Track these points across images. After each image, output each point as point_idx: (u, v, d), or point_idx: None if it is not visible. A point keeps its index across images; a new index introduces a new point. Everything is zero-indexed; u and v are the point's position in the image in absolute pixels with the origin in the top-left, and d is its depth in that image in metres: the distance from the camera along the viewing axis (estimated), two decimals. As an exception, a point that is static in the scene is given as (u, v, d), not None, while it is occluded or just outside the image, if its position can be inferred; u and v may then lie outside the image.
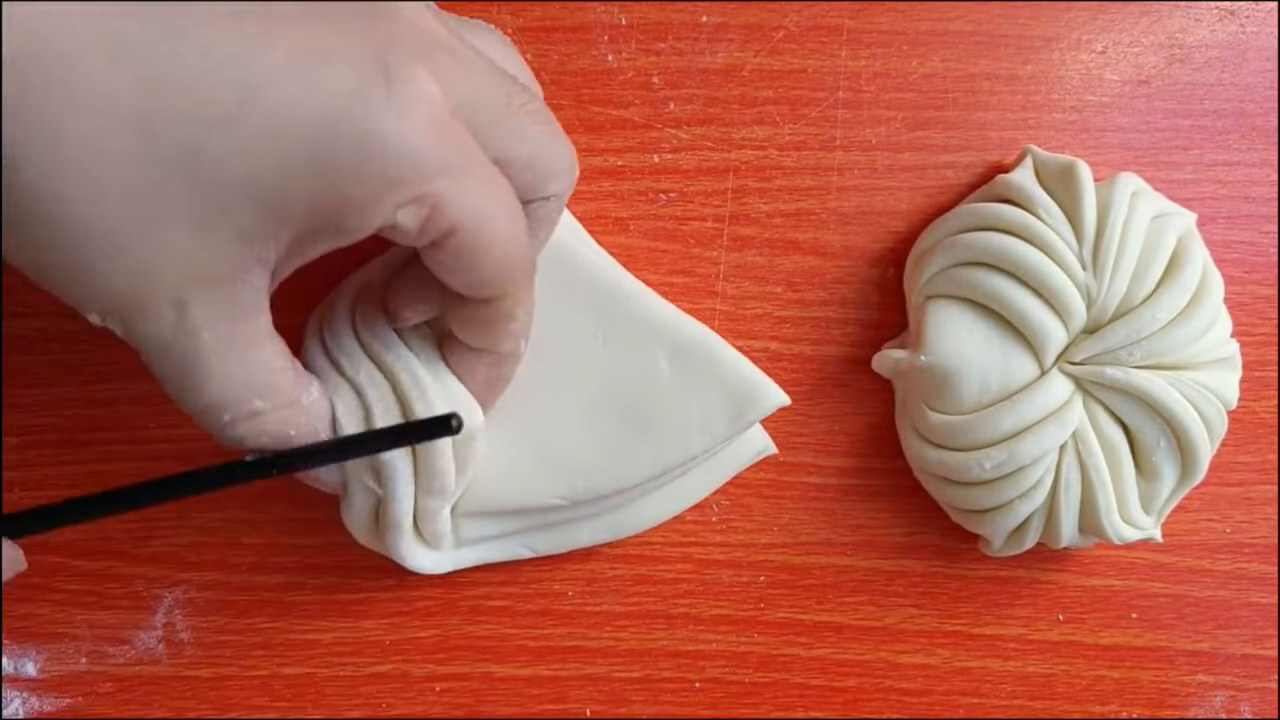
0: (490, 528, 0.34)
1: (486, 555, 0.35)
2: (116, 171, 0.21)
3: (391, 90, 0.23)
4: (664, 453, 0.33)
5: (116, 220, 0.22)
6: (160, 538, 0.36)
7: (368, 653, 0.37)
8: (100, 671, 0.37)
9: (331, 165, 0.23)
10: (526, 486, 0.33)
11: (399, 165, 0.23)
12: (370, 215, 0.24)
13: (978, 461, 0.34)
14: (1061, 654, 0.39)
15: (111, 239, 0.22)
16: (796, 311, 0.38)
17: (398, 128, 0.23)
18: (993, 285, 0.34)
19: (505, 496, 0.33)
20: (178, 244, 0.23)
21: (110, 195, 0.22)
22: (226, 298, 0.24)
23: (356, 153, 0.23)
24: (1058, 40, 0.37)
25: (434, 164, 0.23)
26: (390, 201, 0.23)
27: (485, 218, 0.25)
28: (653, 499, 0.36)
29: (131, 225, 0.22)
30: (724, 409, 0.33)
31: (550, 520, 0.35)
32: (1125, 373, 0.33)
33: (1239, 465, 0.39)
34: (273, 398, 0.26)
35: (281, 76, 0.22)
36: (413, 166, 0.23)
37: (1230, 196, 0.38)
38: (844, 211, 0.37)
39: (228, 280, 0.24)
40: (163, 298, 0.23)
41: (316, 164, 0.23)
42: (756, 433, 0.36)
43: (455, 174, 0.24)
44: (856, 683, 0.39)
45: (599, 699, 0.38)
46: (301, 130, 0.22)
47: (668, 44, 0.36)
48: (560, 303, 0.33)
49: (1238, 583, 0.39)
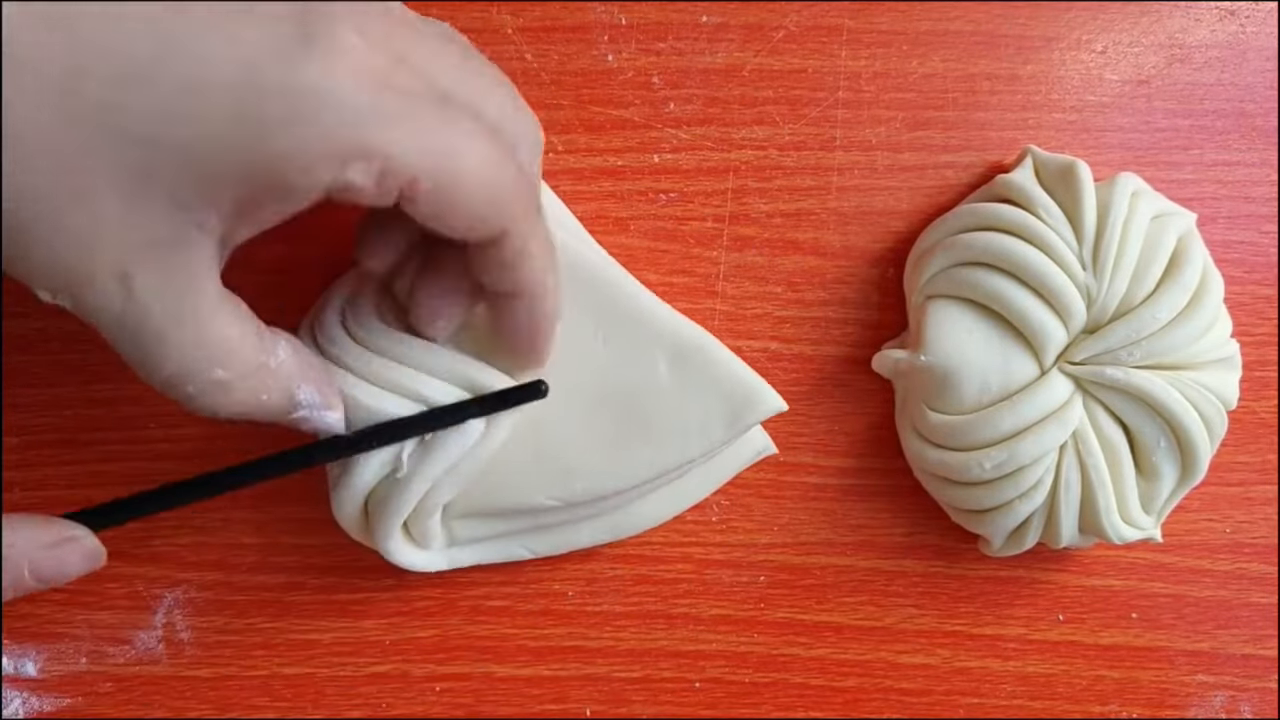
0: (484, 528, 0.34)
1: (483, 556, 0.35)
2: (45, 138, 0.21)
3: (311, 41, 0.22)
4: (660, 455, 0.33)
5: (48, 189, 0.22)
6: (160, 538, 0.36)
7: (368, 653, 0.37)
8: (100, 671, 0.37)
9: (255, 121, 0.22)
10: (521, 487, 0.33)
11: (327, 117, 0.22)
12: (313, 174, 0.23)
13: (978, 461, 0.34)
14: (1061, 654, 0.39)
15: (46, 208, 0.22)
16: (796, 311, 0.38)
17: (320, 79, 0.22)
18: (993, 285, 0.34)
19: (499, 497, 0.33)
20: (110, 211, 0.22)
21: (40, 163, 0.21)
22: (171, 267, 0.24)
23: (280, 107, 0.22)
24: (1058, 40, 0.37)
25: (369, 115, 0.23)
26: (330, 157, 0.23)
27: (447, 156, 0.24)
28: (653, 499, 0.36)
29: (62, 193, 0.22)
30: (721, 413, 0.33)
31: (547, 521, 0.35)
32: (1125, 373, 0.33)
33: (1239, 465, 0.39)
34: (235, 366, 0.26)
35: (197, 32, 0.22)
36: (343, 118, 0.22)
37: (1230, 196, 0.38)
38: (844, 211, 0.37)
39: (168, 248, 0.23)
40: (105, 270, 0.23)
41: (240, 121, 0.22)
42: (757, 433, 0.36)
43: (401, 121, 0.23)
44: (856, 683, 0.39)
45: (599, 699, 0.38)
46: (220, 86, 0.22)
47: (668, 44, 0.36)
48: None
49: (1238, 583, 0.39)
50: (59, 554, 0.27)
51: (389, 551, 0.33)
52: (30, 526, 0.27)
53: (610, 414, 0.33)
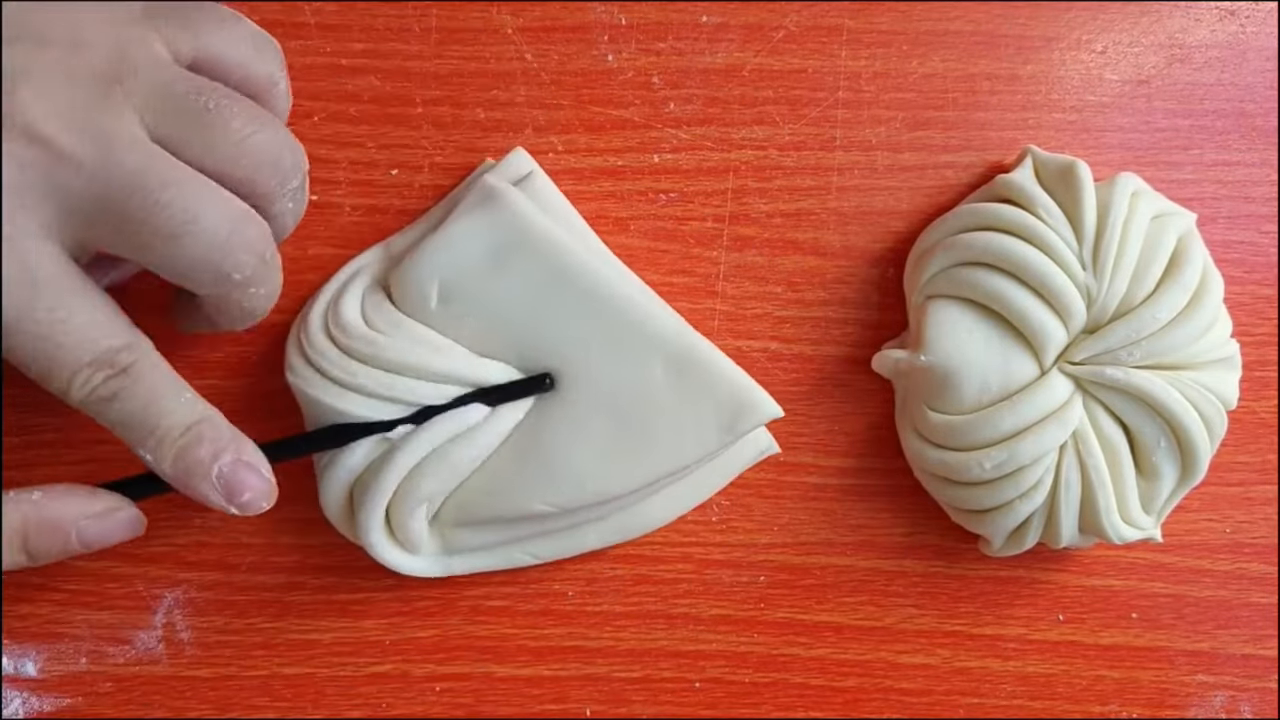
0: (482, 537, 0.34)
1: (483, 564, 0.35)
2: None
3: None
4: (656, 461, 0.33)
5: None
6: (160, 538, 0.36)
7: (368, 653, 0.37)
8: (100, 671, 0.37)
9: None
10: (515, 494, 0.33)
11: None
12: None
13: (978, 461, 0.34)
14: (1061, 654, 0.39)
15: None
16: (796, 311, 0.37)
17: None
18: (993, 285, 0.34)
19: (494, 504, 0.33)
20: None
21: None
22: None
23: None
24: (1058, 40, 0.37)
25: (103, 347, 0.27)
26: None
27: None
28: (659, 499, 0.36)
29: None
30: (717, 419, 0.33)
31: (550, 527, 0.35)
32: (1125, 373, 0.33)
33: (1239, 465, 0.39)
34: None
35: None
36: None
37: (1230, 196, 0.38)
38: (844, 211, 0.37)
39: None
40: None
41: None
42: (760, 432, 0.36)
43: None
44: (856, 683, 0.39)
45: (599, 699, 0.38)
46: None
47: (668, 44, 0.36)
48: (555, 307, 0.33)
49: (1238, 583, 0.39)
50: (105, 523, 0.30)
51: (371, 545, 0.33)
52: (79, 497, 0.30)
53: (606, 420, 0.33)
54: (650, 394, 0.33)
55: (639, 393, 0.33)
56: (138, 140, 0.26)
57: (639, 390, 0.33)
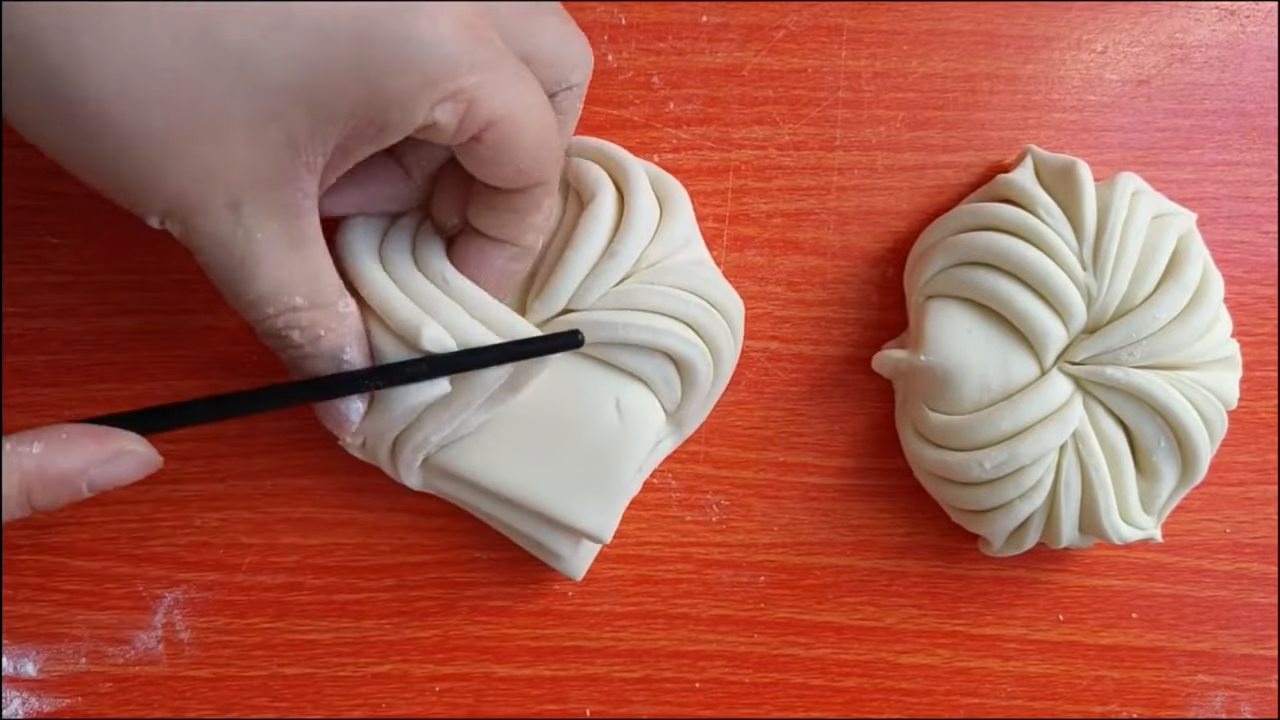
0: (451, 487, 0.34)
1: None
2: (182, 80, 0.24)
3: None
4: (548, 485, 0.33)
5: (181, 126, 0.24)
6: (160, 538, 0.36)
7: (368, 653, 0.37)
8: (100, 671, 0.37)
9: (372, 66, 0.25)
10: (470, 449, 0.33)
11: (433, 63, 0.25)
12: (410, 112, 0.25)
13: (978, 461, 0.34)
14: (1061, 654, 0.39)
15: (175, 144, 0.24)
16: (796, 311, 0.38)
17: (430, 28, 0.25)
18: (993, 285, 0.34)
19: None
20: (234, 148, 0.25)
21: (176, 102, 0.24)
22: (277, 201, 0.26)
23: (394, 53, 0.25)
24: (1058, 40, 0.37)
25: (465, 61, 0.25)
26: (428, 98, 0.25)
27: (520, 108, 0.27)
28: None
29: (194, 131, 0.24)
30: (574, 494, 0.33)
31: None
32: (1125, 373, 0.33)
33: (1239, 465, 0.39)
34: (312, 295, 0.28)
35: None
36: (445, 64, 0.25)
37: (1230, 196, 0.38)
38: (844, 211, 0.37)
39: (278, 185, 0.26)
40: (220, 199, 0.25)
41: (359, 65, 0.24)
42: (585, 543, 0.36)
43: (487, 69, 0.26)
44: (856, 683, 0.39)
45: (599, 699, 0.38)
46: (343, 34, 0.24)
47: (668, 44, 0.36)
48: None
49: (1238, 583, 0.39)
50: (114, 467, 0.28)
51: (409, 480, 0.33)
52: (85, 440, 0.28)
53: (543, 434, 0.33)
54: (598, 427, 0.33)
55: (590, 419, 0.33)
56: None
57: (591, 417, 0.33)
